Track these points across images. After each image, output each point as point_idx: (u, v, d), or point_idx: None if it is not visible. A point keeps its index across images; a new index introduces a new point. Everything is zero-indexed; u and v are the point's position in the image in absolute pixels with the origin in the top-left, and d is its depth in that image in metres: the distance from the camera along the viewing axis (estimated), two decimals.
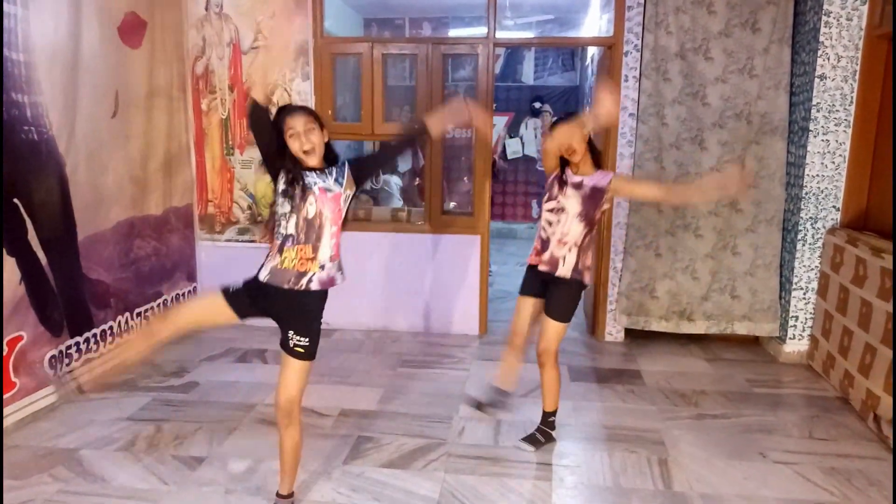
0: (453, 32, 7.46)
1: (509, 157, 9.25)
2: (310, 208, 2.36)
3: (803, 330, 4.34)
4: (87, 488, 2.76)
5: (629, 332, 4.78)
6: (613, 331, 4.78)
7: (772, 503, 2.73)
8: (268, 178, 2.46)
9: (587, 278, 3.00)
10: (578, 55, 8.94)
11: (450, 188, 6.26)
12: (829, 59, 4.03)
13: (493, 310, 5.16)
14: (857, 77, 4.02)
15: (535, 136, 9.15)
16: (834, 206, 4.18)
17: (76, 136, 3.59)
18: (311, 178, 2.38)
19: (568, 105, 9.00)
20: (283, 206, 2.37)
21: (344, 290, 4.76)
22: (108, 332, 3.95)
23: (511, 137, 9.22)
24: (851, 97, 4.06)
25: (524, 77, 9.38)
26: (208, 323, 2.75)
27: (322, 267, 2.41)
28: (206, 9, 4.67)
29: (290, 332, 2.41)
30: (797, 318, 4.33)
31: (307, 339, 2.42)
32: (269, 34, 4.67)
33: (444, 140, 4.79)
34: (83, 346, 3.73)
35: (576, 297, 3.04)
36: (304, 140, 2.34)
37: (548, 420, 3.19)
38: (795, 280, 4.29)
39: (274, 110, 2.40)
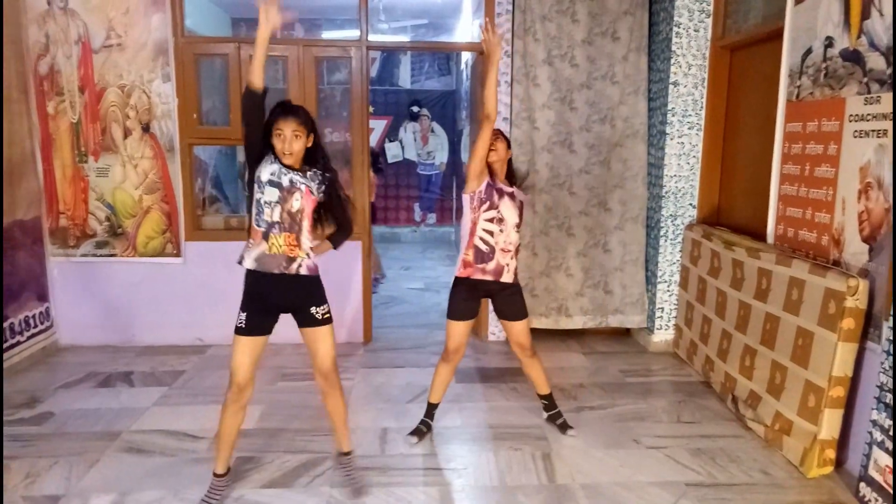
0: (327, 34, 7.33)
1: (390, 160, 9.22)
2: (295, 202, 2.50)
3: (668, 320, 4.63)
4: None
5: None
6: (496, 330, 4.87)
7: (645, 487, 2.88)
8: (128, 186, 2.36)
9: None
10: (454, 59, 9.07)
11: None
12: (681, 67, 4.33)
13: (378, 316, 5.10)
14: (705, 84, 4.36)
15: (415, 140, 9.19)
16: (690, 204, 4.50)
17: None
18: (296, 175, 2.51)
19: (445, 109, 9.12)
20: (270, 195, 2.47)
21: (216, 302, 4.60)
22: None
23: (391, 141, 9.20)
24: (702, 102, 4.38)
25: (401, 81, 9.39)
26: (251, 372, 2.68)
27: (308, 255, 2.56)
28: (49, 3, 4.27)
29: (312, 309, 2.63)
30: (663, 309, 4.63)
31: (327, 306, 2.67)
32: (124, 32, 4.35)
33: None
34: None
35: (522, 296, 3.29)
36: (286, 145, 2.46)
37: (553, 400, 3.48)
38: (660, 273, 4.57)
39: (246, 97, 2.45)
